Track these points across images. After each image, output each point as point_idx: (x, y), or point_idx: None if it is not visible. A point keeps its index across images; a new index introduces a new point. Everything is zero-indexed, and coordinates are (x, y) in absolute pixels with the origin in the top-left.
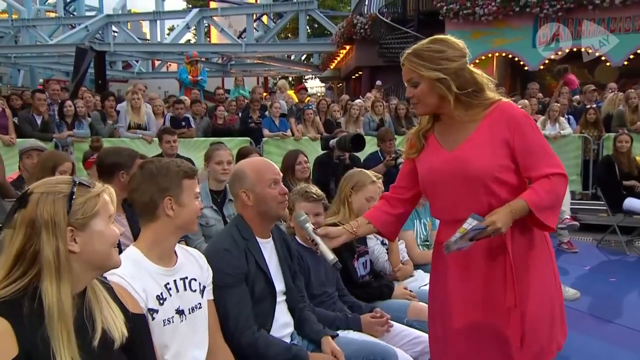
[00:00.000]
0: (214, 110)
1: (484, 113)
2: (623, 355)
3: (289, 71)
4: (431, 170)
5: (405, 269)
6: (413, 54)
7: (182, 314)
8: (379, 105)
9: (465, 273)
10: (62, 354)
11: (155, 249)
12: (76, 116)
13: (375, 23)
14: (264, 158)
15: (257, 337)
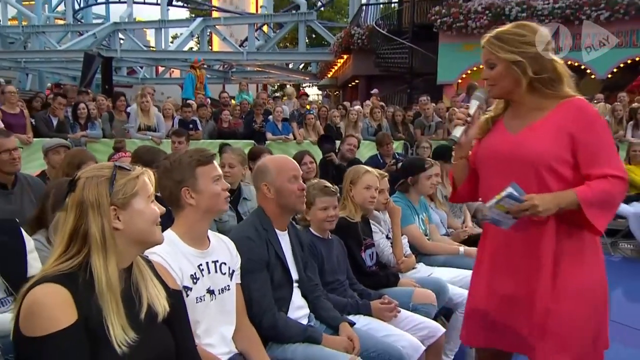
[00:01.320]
0: (220, 114)
1: (555, 104)
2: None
3: (288, 79)
4: (490, 150)
5: (409, 261)
6: (494, 37)
7: (212, 294)
8: (377, 111)
9: (503, 265)
10: (113, 321)
11: (189, 233)
12: (89, 118)
13: (372, 34)
14: (286, 156)
15: (277, 319)
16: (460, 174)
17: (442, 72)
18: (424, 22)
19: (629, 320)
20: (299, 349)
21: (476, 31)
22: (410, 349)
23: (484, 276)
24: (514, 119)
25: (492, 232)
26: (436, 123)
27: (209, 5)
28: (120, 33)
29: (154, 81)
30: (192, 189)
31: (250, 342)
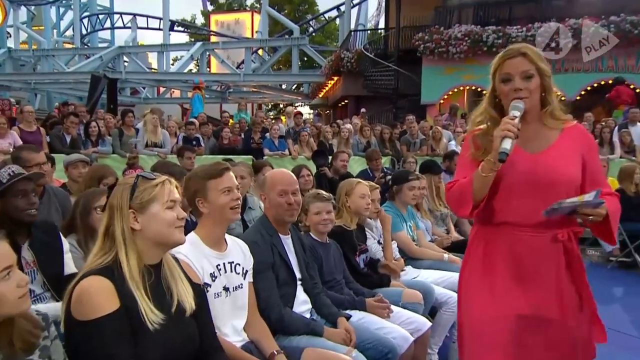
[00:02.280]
0: (220, 132)
1: (560, 126)
2: None
3: (281, 99)
4: (512, 170)
5: (399, 264)
6: (531, 47)
7: (227, 291)
8: (367, 129)
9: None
10: (144, 306)
11: (208, 237)
12: (99, 135)
13: (360, 58)
14: (287, 171)
15: (283, 314)
16: (486, 189)
17: (425, 93)
18: (408, 47)
19: (620, 323)
20: (303, 340)
21: (456, 56)
22: (401, 340)
23: (494, 294)
24: (527, 138)
25: (496, 248)
26: (420, 140)
27: (208, 31)
28: (124, 56)
29: (155, 101)
30: (205, 200)
31: (261, 332)
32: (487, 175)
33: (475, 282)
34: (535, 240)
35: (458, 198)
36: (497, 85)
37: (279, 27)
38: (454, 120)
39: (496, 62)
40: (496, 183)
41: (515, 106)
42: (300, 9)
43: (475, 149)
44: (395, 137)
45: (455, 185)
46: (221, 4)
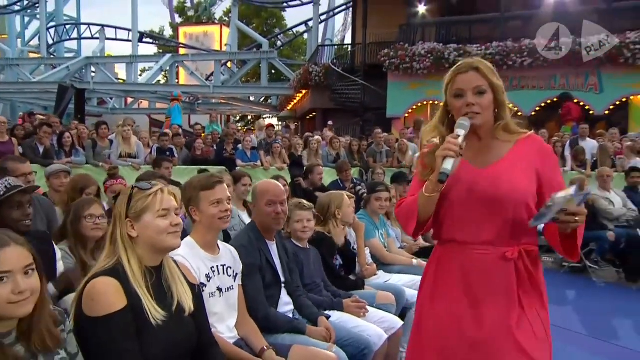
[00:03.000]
0: (193, 143)
1: (514, 139)
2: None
3: (250, 110)
4: (458, 187)
5: (371, 269)
6: (483, 62)
7: (221, 291)
8: (336, 141)
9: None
10: (148, 304)
11: (202, 241)
12: (73, 145)
13: (328, 72)
14: (275, 182)
15: (269, 313)
16: (431, 208)
17: (391, 107)
18: (374, 62)
19: (558, 321)
20: (287, 338)
21: (420, 72)
22: (376, 337)
23: (443, 315)
24: (477, 152)
25: (447, 266)
26: (386, 152)
27: (177, 43)
28: (92, 66)
29: (123, 111)
30: (197, 208)
31: (250, 330)
32: (430, 195)
33: (426, 301)
34: (485, 258)
35: (405, 216)
36: (449, 101)
37: (248, 41)
38: (418, 133)
39: (448, 77)
40: (443, 198)
41: (461, 124)
42: (268, 22)
43: (422, 168)
44: (364, 149)
45: (404, 203)
46: (190, 16)
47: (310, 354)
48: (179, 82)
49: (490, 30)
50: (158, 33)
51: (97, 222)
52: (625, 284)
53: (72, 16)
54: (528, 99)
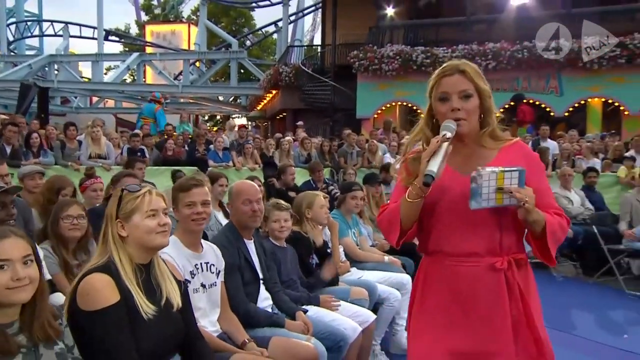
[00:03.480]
0: (164, 143)
1: (499, 146)
2: None
3: (219, 110)
4: (443, 194)
5: (345, 266)
6: (470, 64)
7: (204, 287)
8: (307, 142)
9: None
10: (141, 302)
11: (184, 240)
12: (41, 146)
13: (298, 72)
14: (251, 182)
15: (249, 309)
16: (414, 215)
17: (360, 108)
18: (344, 64)
19: None
20: (267, 331)
21: (389, 73)
22: (350, 330)
23: (433, 330)
24: (463, 159)
25: (434, 278)
26: (357, 152)
27: (144, 41)
28: (56, 64)
29: (88, 110)
30: (177, 209)
31: (232, 324)
32: (413, 201)
33: (415, 315)
34: (472, 270)
35: (387, 225)
36: (433, 104)
37: (216, 40)
38: (388, 134)
39: (433, 79)
40: (428, 207)
41: (446, 126)
42: (237, 22)
43: (406, 174)
44: (334, 149)
45: (385, 210)
46: (157, 14)
47: (289, 344)
48: (146, 81)
49: (455, 33)
50: (124, 31)
51: (74, 223)
52: (583, 278)
53: (33, 12)
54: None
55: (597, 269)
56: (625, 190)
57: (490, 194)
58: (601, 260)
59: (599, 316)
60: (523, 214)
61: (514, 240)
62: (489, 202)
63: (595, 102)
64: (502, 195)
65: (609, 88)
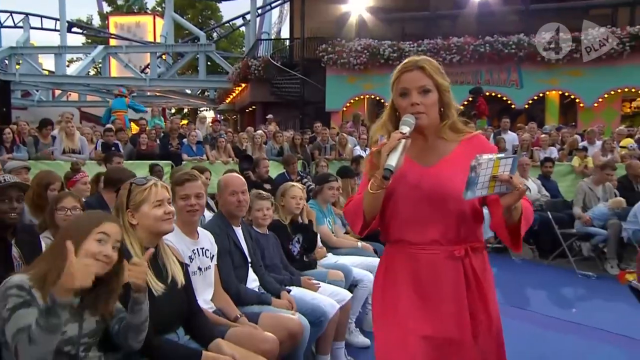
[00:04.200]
0: (138, 138)
1: (459, 138)
2: None
3: (187, 104)
4: (404, 185)
5: (321, 252)
6: (429, 61)
7: (200, 270)
8: (279, 135)
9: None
10: (151, 280)
11: (183, 228)
12: (14, 141)
13: (267, 66)
14: (237, 175)
15: (240, 289)
16: (377, 206)
17: (329, 101)
18: (313, 57)
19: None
20: (256, 308)
21: (357, 67)
22: (329, 307)
23: (398, 317)
24: (423, 151)
25: (397, 267)
26: (330, 145)
27: (108, 33)
28: (16, 57)
29: (50, 104)
30: (174, 201)
31: (225, 302)
32: (375, 193)
33: (379, 303)
34: (432, 258)
35: (352, 215)
36: (394, 99)
37: (182, 32)
38: (357, 127)
39: (394, 75)
40: (390, 197)
41: (405, 121)
42: (203, 14)
43: (370, 166)
44: (306, 142)
45: (351, 202)
46: (120, 5)
47: (277, 318)
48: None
49: (421, 28)
50: (86, 22)
51: (68, 214)
52: (539, 260)
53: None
54: (457, 93)
55: (552, 251)
56: (580, 178)
57: (485, 182)
58: (555, 244)
59: (552, 293)
60: (513, 199)
61: (472, 229)
62: (482, 191)
63: (553, 95)
64: (495, 183)
65: (566, 82)
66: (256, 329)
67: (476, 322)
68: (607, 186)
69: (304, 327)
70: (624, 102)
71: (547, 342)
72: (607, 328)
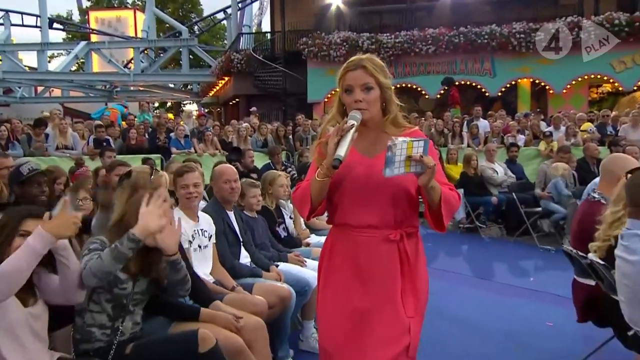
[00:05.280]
0: (127, 133)
1: (403, 131)
2: (459, 290)
3: (171, 97)
4: (349, 174)
5: (305, 233)
6: (371, 60)
7: (200, 248)
8: (263, 127)
9: (361, 284)
10: None
11: (186, 212)
12: (9, 139)
13: (249, 59)
14: (230, 165)
15: (234, 264)
16: (323, 192)
17: (311, 93)
18: (294, 50)
19: (453, 268)
20: (249, 280)
21: (337, 59)
22: (313, 278)
23: (336, 295)
24: (368, 144)
25: (339, 248)
26: (312, 136)
27: (90, 29)
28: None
29: (33, 100)
30: (176, 190)
31: (222, 275)
32: (322, 180)
33: (324, 275)
34: (370, 241)
35: (300, 201)
36: (341, 95)
37: (163, 26)
38: None
39: (340, 73)
40: (336, 185)
41: (352, 116)
42: (184, 7)
43: (318, 155)
44: (289, 133)
45: (299, 188)
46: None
47: (268, 287)
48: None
49: (398, 19)
50: (66, 18)
51: (80, 204)
52: (506, 237)
53: None
54: (433, 83)
55: (517, 229)
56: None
57: (401, 161)
58: (521, 222)
59: (514, 266)
60: (427, 178)
61: (407, 215)
62: (399, 170)
63: (525, 83)
64: (410, 162)
65: (536, 70)
66: (248, 295)
67: (405, 302)
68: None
69: (291, 294)
70: (591, 88)
71: (507, 306)
72: (559, 293)
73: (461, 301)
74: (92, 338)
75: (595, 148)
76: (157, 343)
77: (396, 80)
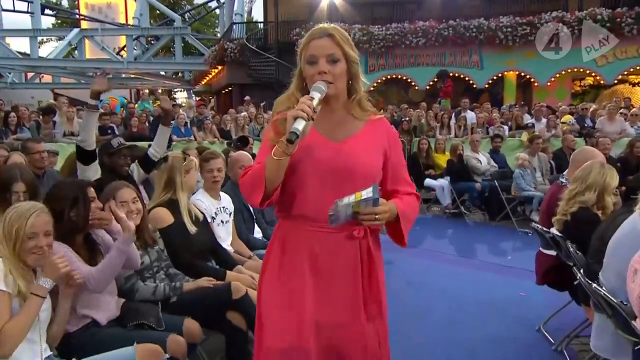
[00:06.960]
0: (129, 121)
1: (366, 117)
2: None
3: (162, 85)
4: (309, 157)
5: None
6: (338, 30)
7: (222, 223)
8: (260, 117)
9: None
10: (187, 219)
11: (209, 192)
12: (18, 124)
13: (243, 49)
14: (245, 153)
15: (249, 238)
16: (280, 174)
17: None
18: (287, 40)
19: (438, 248)
20: (262, 252)
21: None
22: None
23: (290, 297)
24: (331, 126)
25: (293, 244)
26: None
27: (80, 15)
28: None
29: (24, 86)
30: (202, 173)
31: (240, 246)
32: (279, 159)
33: (269, 279)
34: (332, 237)
35: (250, 185)
36: (302, 67)
37: (154, 13)
38: None
39: (303, 42)
40: (294, 171)
41: (317, 87)
42: None
43: (274, 133)
44: None
45: (249, 172)
46: None
47: None
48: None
49: (388, 12)
50: (55, 3)
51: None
52: (488, 222)
53: None
54: (423, 74)
55: (499, 214)
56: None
57: (347, 217)
58: (502, 208)
59: (494, 247)
60: (382, 223)
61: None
62: (341, 222)
63: (511, 75)
64: (360, 204)
65: (522, 63)
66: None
67: (367, 307)
68: (541, 156)
69: None
70: (574, 81)
71: (486, 280)
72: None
73: (445, 276)
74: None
75: (572, 139)
76: (197, 293)
77: (386, 72)
